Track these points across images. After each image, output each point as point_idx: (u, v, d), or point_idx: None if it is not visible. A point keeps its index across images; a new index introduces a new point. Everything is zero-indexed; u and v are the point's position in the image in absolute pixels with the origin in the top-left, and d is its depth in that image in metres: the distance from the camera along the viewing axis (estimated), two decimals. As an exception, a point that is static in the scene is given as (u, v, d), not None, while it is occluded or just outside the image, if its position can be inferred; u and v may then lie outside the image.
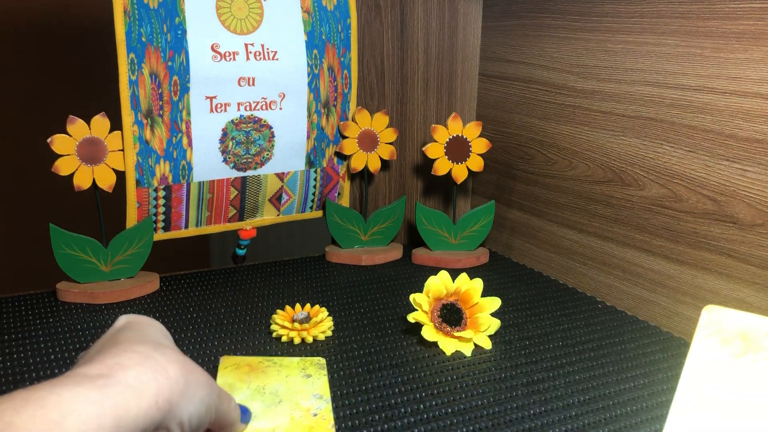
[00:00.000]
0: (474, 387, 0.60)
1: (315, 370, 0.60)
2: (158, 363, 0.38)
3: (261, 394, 0.55)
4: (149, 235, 0.79)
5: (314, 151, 0.87)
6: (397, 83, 0.96)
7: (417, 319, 0.68)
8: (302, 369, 0.59)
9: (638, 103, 0.77)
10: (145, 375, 0.37)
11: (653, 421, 0.56)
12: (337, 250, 0.92)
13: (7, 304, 0.75)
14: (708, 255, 0.71)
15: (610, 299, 0.83)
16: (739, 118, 0.67)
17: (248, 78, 0.79)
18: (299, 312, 0.69)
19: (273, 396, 0.55)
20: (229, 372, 0.58)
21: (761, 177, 0.66)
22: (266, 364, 0.60)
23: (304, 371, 0.59)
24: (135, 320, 0.44)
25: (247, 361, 0.60)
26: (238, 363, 0.60)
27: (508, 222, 0.99)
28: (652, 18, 0.74)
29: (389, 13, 0.93)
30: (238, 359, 0.60)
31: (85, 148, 0.73)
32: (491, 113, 1.00)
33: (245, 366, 0.59)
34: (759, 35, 0.64)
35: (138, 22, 0.73)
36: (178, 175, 0.79)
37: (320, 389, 0.57)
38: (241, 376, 0.57)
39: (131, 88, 0.74)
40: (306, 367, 0.60)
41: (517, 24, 0.93)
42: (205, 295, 0.80)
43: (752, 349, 0.42)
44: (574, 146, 0.86)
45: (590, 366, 0.64)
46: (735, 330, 0.43)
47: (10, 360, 0.63)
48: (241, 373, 0.58)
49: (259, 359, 0.61)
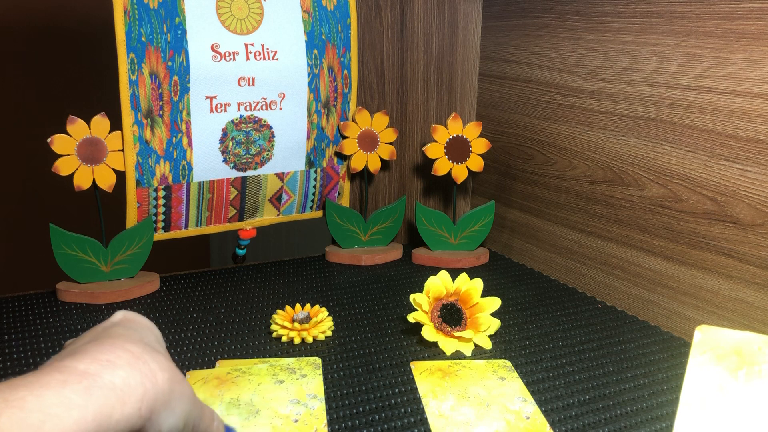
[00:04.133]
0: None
1: (287, 375, 0.58)
2: (148, 368, 0.37)
3: (236, 407, 0.54)
4: (149, 235, 0.79)
5: (314, 151, 0.87)
6: (397, 83, 0.96)
7: (417, 319, 0.68)
8: (273, 375, 0.58)
9: (638, 103, 0.77)
10: (133, 378, 0.35)
11: (653, 421, 0.56)
12: (337, 250, 0.92)
13: (7, 304, 0.75)
14: (708, 255, 0.71)
15: (610, 299, 0.83)
16: (739, 118, 0.67)
17: (248, 78, 0.79)
18: (299, 312, 0.69)
19: (248, 407, 0.53)
20: (198, 388, 0.56)
21: (761, 177, 0.66)
22: (235, 374, 0.58)
23: (275, 377, 0.58)
24: (133, 318, 0.43)
25: (215, 374, 0.58)
26: (205, 377, 0.58)
27: (508, 222, 0.99)
28: (652, 18, 0.74)
29: (389, 13, 0.94)
30: (205, 372, 0.59)
31: (85, 148, 0.73)
32: (491, 113, 1.00)
33: (214, 379, 0.57)
34: (759, 35, 0.64)
35: (138, 22, 0.73)
36: (178, 175, 0.79)
37: (296, 394, 0.55)
38: (211, 391, 0.56)
39: (131, 88, 0.74)
40: (277, 373, 0.58)
41: (517, 24, 0.93)
42: (205, 295, 0.80)
43: (747, 363, 0.43)
44: (574, 146, 0.86)
45: (590, 366, 0.64)
46: (729, 347, 0.44)
47: (10, 360, 0.63)
48: (210, 387, 0.56)
49: (227, 369, 0.59)
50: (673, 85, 0.73)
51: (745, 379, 0.43)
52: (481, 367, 0.60)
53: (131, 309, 0.75)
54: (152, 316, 0.74)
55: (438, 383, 0.57)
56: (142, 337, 0.40)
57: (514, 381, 0.59)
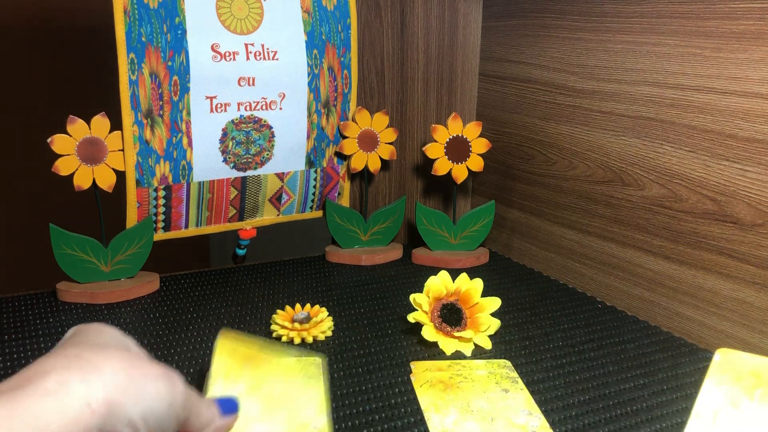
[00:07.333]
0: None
1: (314, 371, 0.56)
2: (89, 363, 0.34)
3: (257, 392, 0.51)
4: (149, 235, 0.79)
5: (314, 151, 0.87)
6: (397, 83, 0.96)
7: (417, 319, 0.68)
8: (302, 369, 0.56)
9: (638, 103, 0.77)
10: (69, 377, 0.33)
11: (653, 421, 0.56)
12: (337, 250, 0.92)
13: (7, 304, 0.75)
14: (708, 255, 0.71)
15: (610, 299, 0.83)
16: (739, 118, 0.67)
17: (248, 78, 0.79)
18: (299, 312, 0.69)
19: (269, 398, 0.51)
20: (225, 357, 0.53)
21: (761, 177, 0.66)
22: (263, 356, 0.54)
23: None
24: (84, 327, 0.40)
25: (243, 350, 0.54)
26: (234, 348, 0.54)
27: (508, 222, 0.99)
28: (652, 18, 0.74)
29: (389, 13, 0.93)
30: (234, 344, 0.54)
31: (85, 148, 0.73)
32: (491, 113, 1.00)
33: (241, 354, 0.53)
34: (759, 35, 0.64)
35: (138, 22, 0.73)
36: (178, 175, 0.79)
37: (318, 401, 0.52)
38: (236, 365, 0.52)
39: (131, 88, 0.74)
40: (305, 368, 0.56)
41: (517, 24, 0.93)
42: (205, 295, 0.80)
43: (764, 385, 0.44)
44: (574, 146, 0.86)
45: (590, 366, 0.64)
46: (747, 369, 0.45)
47: (10, 360, 0.63)
48: (237, 360, 0.52)
49: (258, 348, 0.55)
50: (673, 85, 0.73)
51: (760, 399, 0.44)
52: (484, 378, 0.60)
53: (131, 309, 0.75)
54: (152, 316, 0.74)
55: (440, 396, 0.57)
56: (89, 339, 0.38)
57: (517, 393, 0.58)
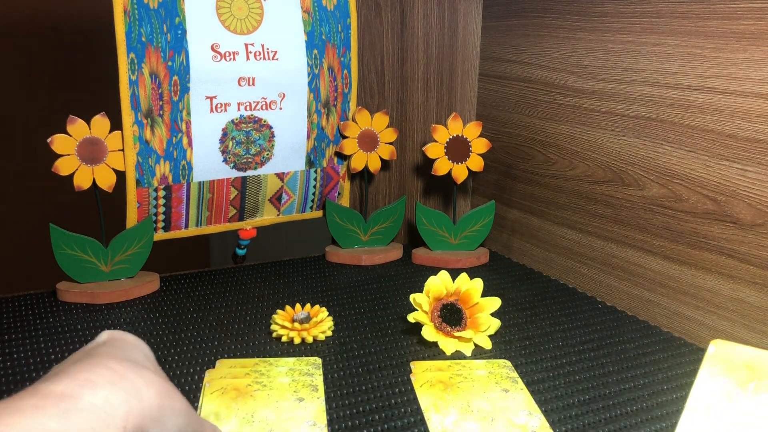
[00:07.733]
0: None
1: (308, 392, 0.57)
2: (132, 384, 0.35)
3: (249, 424, 0.52)
4: (149, 235, 0.79)
5: (314, 151, 0.87)
6: (397, 83, 0.96)
7: (417, 319, 0.68)
8: (294, 392, 0.57)
9: (638, 103, 0.77)
10: (115, 397, 0.34)
11: (653, 421, 0.56)
12: (337, 250, 0.92)
13: (7, 304, 0.75)
14: (708, 255, 0.71)
15: (610, 299, 0.83)
16: (739, 118, 0.67)
17: (248, 78, 0.79)
18: (299, 312, 0.69)
19: (263, 425, 0.52)
20: (215, 398, 0.55)
21: (761, 177, 0.66)
22: (254, 387, 0.57)
23: (296, 394, 0.57)
24: (119, 336, 0.42)
25: (234, 385, 0.57)
26: (224, 387, 0.57)
27: (508, 222, 0.99)
28: (652, 18, 0.74)
29: (389, 13, 0.94)
30: (224, 382, 0.58)
31: (85, 148, 0.73)
32: (491, 113, 1.00)
33: (232, 391, 0.57)
34: (759, 35, 0.64)
35: (138, 22, 0.73)
36: (178, 175, 0.79)
37: (314, 415, 0.54)
38: (227, 403, 0.55)
39: (131, 88, 0.74)
40: (298, 390, 0.57)
41: (517, 24, 0.93)
42: (205, 295, 0.80)
43: (757, 377, 0.44)
44: (574, 146, 0.86)
45: (590, 366, 0.64)
46: (741, 361, 0.45)
47: (10, 360, 0.63)
48: (227, 399, 0.55)
49: (248, 381, 0.58)
50: (673, 85, 0.73)
51: (754, 392, 0.44)
52: (484, 378, 0.60)
53: (131, 309, 0.75)
54: (152, 316, 0.74)
55: (440, 396, 0.57)
56: (127, 354, 0.39)
57: (517, 392, 0.58)
